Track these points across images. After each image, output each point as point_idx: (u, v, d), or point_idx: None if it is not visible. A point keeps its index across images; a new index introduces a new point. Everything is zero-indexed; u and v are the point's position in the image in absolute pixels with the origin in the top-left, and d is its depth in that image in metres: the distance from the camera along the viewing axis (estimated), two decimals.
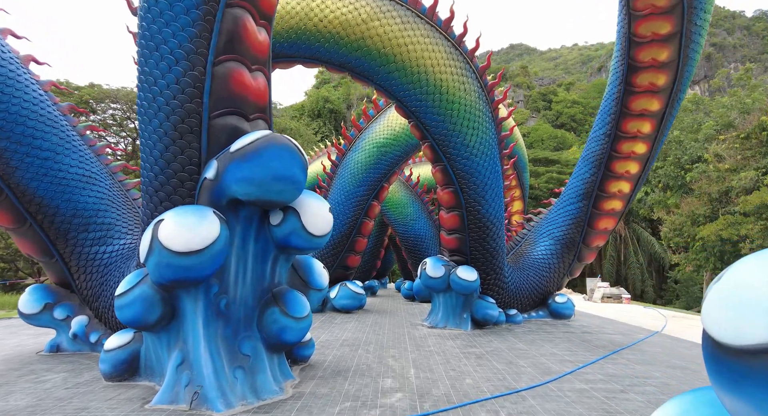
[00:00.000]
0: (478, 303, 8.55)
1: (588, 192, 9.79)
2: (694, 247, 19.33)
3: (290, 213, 4.42)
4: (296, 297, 4.71)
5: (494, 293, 9.07)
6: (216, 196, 4.17)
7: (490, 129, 8.21)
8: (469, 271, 8.34)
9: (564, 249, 10.29)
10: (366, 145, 10.59)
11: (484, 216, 8.36)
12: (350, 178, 10.57)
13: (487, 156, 8.16)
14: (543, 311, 10.34)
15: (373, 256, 15.84)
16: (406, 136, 10.60)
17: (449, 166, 8.10)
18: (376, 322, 9.19)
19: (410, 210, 13.79)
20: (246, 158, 3.91)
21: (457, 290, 8.38)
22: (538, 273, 10.26)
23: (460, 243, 8.59)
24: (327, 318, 9.78)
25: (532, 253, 10.60)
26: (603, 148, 9.25)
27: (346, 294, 10.50)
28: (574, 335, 8.00)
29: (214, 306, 4.26)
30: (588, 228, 10.00)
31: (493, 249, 8.68)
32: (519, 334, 7.98)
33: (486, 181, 8.22)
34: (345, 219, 10.54)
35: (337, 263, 10.74)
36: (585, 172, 9.83)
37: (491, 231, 8.52)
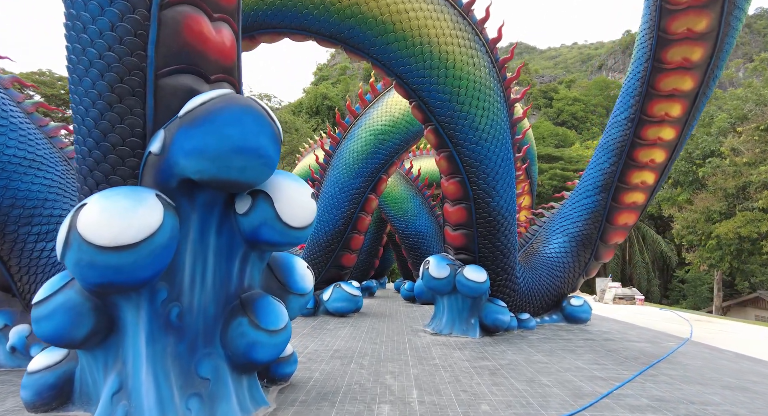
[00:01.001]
0: (487, 307, 7.62)
1: (607, 184, 8.86)
2: (707, 245, 18.43)
3: (260, 200, 3.49)
4: (271, 304, 3.78)
5: (505, 295, 8.14)
6: (163, 176, 3.23)
7: (502, 110, 7.28)
8: (478, 271, 7.41)
9: (580, 247, 9.37)
10: (362, 132, 9.65)
11: (494, 209, 7.43)
12: (345, 168, 9.63)
13: (499, 141, 7.23)
14: (557, 315, 9.42)
15: (370, 255, 14.91)
16: (406, 122, 9.66)
17: (455, 152, 7.16)
18: (373, 328, 8.27)
19: (410, 205, 12.85)
20: (195, 123, 2.97)
21: (464, 292, 7.45)
22: (551, 274, 9.34)
23: (467, 240, 7.66)
24: (319, 323, 8.84)
25: (544, 251, 9.68)
26: (625, 134, 8.32)
27: (341, 296, 9.56)
28: (596, 343, 7.07)
29: (163, 316, 3.32)
30: (606, 223, 9.08)
31: (504, 247, 7.75)
32: (534, 343, 7.05)
33: (497, 170, 7.29)
34: (339, 213, 9.60)
35: (330, 262, 9.80)
36: (604, 161, 8.90)
37: (502, 226, 7.59)
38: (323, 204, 9.83)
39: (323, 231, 9.73)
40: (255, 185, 3.39)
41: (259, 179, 3.31)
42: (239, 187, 3.33)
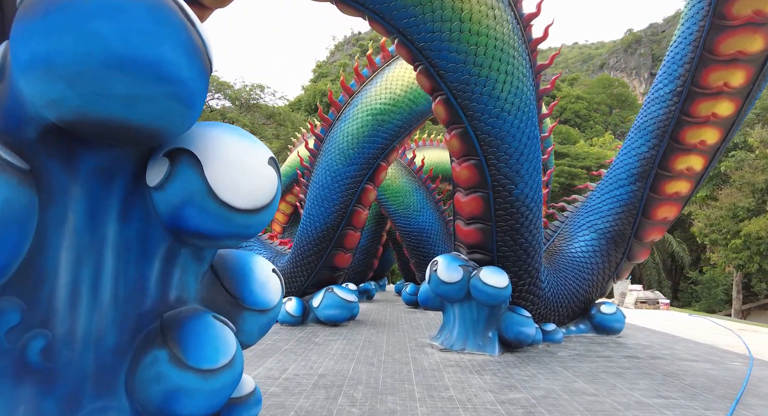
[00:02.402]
0: (508, 318, 6.31)
1: (644, 171, 7.55)
2: (731, 245, 17.13)
3: (182, 164, 2.18)
4: (208, 328, 2.46)
5: (528, 303, 6.82)
6: (10, 118, 1.92)
7: (528, 77, 5.96)
8: (498, 274, 6.09)
9: (610, 245, 8.06)
10: (358, 112, 8.33)
11: (517, 198, 6.11)
12: (338, 154, 8.30)
13: (524, 113, 5.91)
14: (584, 324, 8.10)
15: (368, 255, 13.58)
16: (409, 101, 8.34)
17: (471, 127, 5.84)
18: (369, 341, 6.94)
19: (413, 199, 11.53)
20: (37, 12, 1.64)
21: (481, 300, 6.13)
22: (578, 276, 8.02)
23: (483, 237, 6.34)
24: (306, 334, 7.52)
25: (569, 250, 8.36)
26: (669, 111, 7.00)
27: (333, 302, 8.24)
28: (644, 363, 5.75)
29: (11, 354, 2.01)
30: (642, 217, 7.77)
31: (529, 245, 6.43)
32: (567, 362, 5.73)
33: (522, 149, 5.97)
34: (331, 206, 8.28)
35: (321, 263, 8.48)
36: (641, 145, 7.58)
37: (527, 220, 6.28)
38: (313, 195, 8.51)
39: (313, 226, 8.41)
40: (164, 136, 2.07)
41: (168, 124, 1.99)
42: (135, 138, 2.00)
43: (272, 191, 2.42)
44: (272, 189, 2.42)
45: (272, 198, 2.44)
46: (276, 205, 2.56)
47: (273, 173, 2.44)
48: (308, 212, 8.56)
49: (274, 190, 2.44)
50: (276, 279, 3.13)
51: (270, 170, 2.42)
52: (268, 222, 2.58)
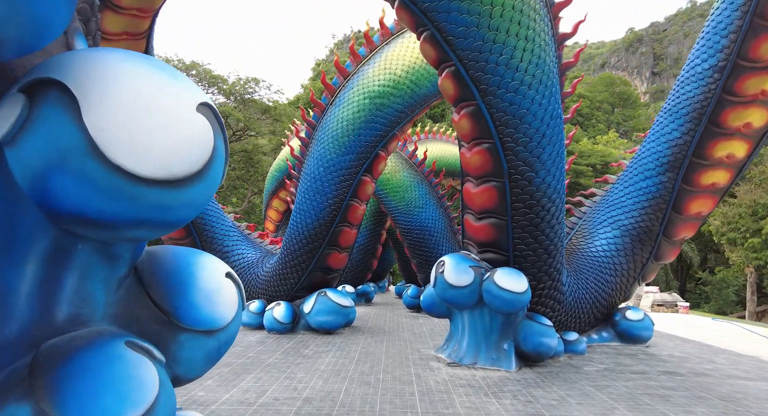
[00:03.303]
0: (527, 327, 5.44)
1: (676, 160, 6.69)
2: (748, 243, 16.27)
3: (47, 102, 1.32)
4: (108, 365, 1.60)
5: (548, 309, 5.96)
6: None
7: (550, 45, 5.11)
8: (515, 277, 5.23)
9: (635, 244, 7.20)
10: (354, 96, 7.47)
11: (538, 188, 5.25)
12: (332, 142, 7.45)
13: (547, 88, 5.05)
14: (607, 332, 7.24)
15: (367, 254, 12.74)
16: (410, 82, 7.49)
17: (484, 104, 4.98)
18: (366, 353, 6.08)
19: (415, 194, 10.68)
20: None
21: (496, 307, 5.27)
22: (599, 278, 7.16)
23: (497, 233, 5.48)
24: (295, 344, 6.66)
25: (589, 249, 7.50)
26: (708, 89, 6.14)
27: (326, 307, 7.38)
28: (689, 381, 4.89)
29: None
30: (673, 212, 6.90)
31: (551, 242, 5.57)
32: (598, 380, 4.87)
33: (544, 130, 5.11)
34: (324, 200, 7.42)
35: (313, 263, 7.62)
36: (672, 130, 6.72)
37: (548, 214, 5.42)
38: (304, 188, 7.66)
39: (304, 223, 7.55)
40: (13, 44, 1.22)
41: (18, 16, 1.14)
42: None
43: (204, 151, 1.56)
44: (204, 147, 1.56)
45: (205, 162, 1.58)
46: (217, 175, 1.70)
47: (206, 124, 1.59)
48: (299, 207, 7.70)
49: (208, 150, 1.58)
50: (231, 288, 2.27)
51: (201, 119, 1.57)
52: (203, 201, 1.72)
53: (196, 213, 1.80)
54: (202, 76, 23.16)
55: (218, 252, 8.83)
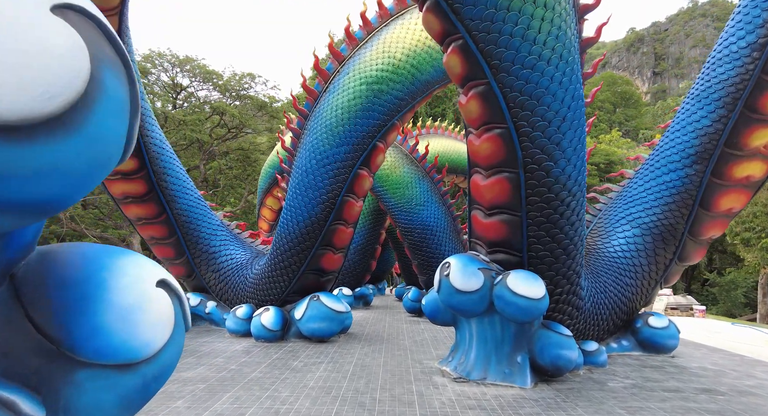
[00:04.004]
0: (543, 338, 4.80)
1: (704, 150, 6.06)
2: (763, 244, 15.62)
3: None
4: None
5: (566, 317, 5.33)
6: None
7: (571, 15, 4.48)
8: (532, 281, 4.60)
9: (657, 243, 6.56)
10: (350, 82, 6.83)
11: (557, 179, 4.61)
12: (326, 133, 6.81)
13: (568, 64, 4.41)
14: (627, 340, 6.60)
15: (365, 255, 12.10)
16: (411, 67, 6.85)
17: (496, 83, 4.35)
18: (362, 366, 5.44)
19: (416, 191, 10.04)
20: None
21: (509, 314, 4.63)
22: (619, 281, 6.52)
23: (510, 231, 4.85)
24: (284, 355, 6.02)
25: (605, 249, 6.87)
26: (745, 70, 5.51)
27: (319, 313, 6.74)
28: (734, 402, 4.24)
29: None
30: (700, 209, 6.27)
31: (570, 241, 4.94)
32: (627, 399, 4.23)
33: (565, 113, 4.48)
34: (317, 196, 6.78)
35: (305, 265, 6.98)
36: (701, 117, 6.09)
37: (568, 209, 4.78)
38: (295, 183, 7.02)
39: (295, 221, 6.91)
40: None
41: None
42: None
43: (67, 79, 0.92)
44: (66, 73, 0.92)
45: (72, 98, 0.94)
46: (106, 124, 1.07)
47: (69, 34, 0.95)
48: (290, 203, 7.07)
49: (76, 78, 0.94)
50: (163, 302, 1.64)
51: (58, 26, 0.94)
52: (79, 168, 1.09)
53: (76, 192, 1.17)
54: (197, 72, 22.55)
55: (204, 253, 8.21)
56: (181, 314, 1.74)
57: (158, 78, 22.55)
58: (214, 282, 8.25)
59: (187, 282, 8.63)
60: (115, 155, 1.19)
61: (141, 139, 7.16)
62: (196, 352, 6.09)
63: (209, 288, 8.36)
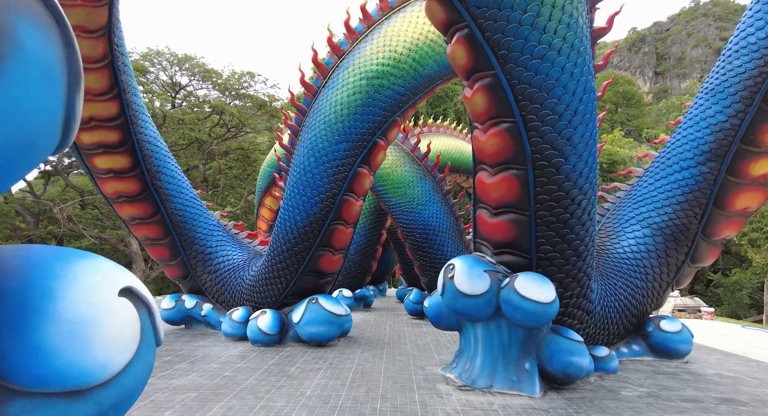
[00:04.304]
0: (553, 344, 4.55)
1: (719, 147, 5.81)
2: None
3: None
4: None
5: (576, 321, 5.08)
6: None
7: (582, 1, 4.23)
8: (541, 284, 4.35)
9: (669, 244, 6.32)
10: (349, 77, 6.59)
11: (568, 177, 4.36)
12: (325, 129, 6.57)
13: (579, 55, 4.17)
14: (638, 344, 6.34)
15: (366, 256, 11.86)
16: (413, 61, 6.62)
17: (504, 74, 4.11)
18: (362, 373, 5.20)
19: (417, 190, 9.80)
20: None
21: (518, 319, 4.39)
22: (629, 283, 6.27)
23: (517, 231, 4.60)
24: (280, 360, 5.78)
25: (615, 250, 6.62)
26: (765, 62, 5.26)
27: (318, 316, 6.50)
28: (758, 413, 3.99)
29: None
30: (714, 208, 6.02)
31: (581, 242, 4.69)
32: (644, 410, 3.98)
33: (576, 107, 4.23)
34: (316, 195, 6.55)
35: (303, 266, 6.75)
36: (716, 112, 5.84)
37: (579, 208, 4.53)
38: (293, 182, 6.79)
39: (293, 221, 6.68)
40: None
41: None
42: None
43: None
44: None
45: None
46: (19, 84, 0.82)
47: None
48: (287, 203, 6.83)
49: None
50: (125, 314, 1.39)
51: None
52: None
53: None
54: (196, 71, 22.34)
55: (200, 254, 7.97)
56: (150, 327, 1.50)
57: (157, 77, 22.34)
58: (211, 284, 8.02)
59: (182, 283, 8.40)
60: (43, 135, 0.95)
61: (134, 137, 6.94)
62: (190, 357, 5.85)
63: (205, 290, 8.12)
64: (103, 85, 6.11)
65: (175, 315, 8.10)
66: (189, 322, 8.38)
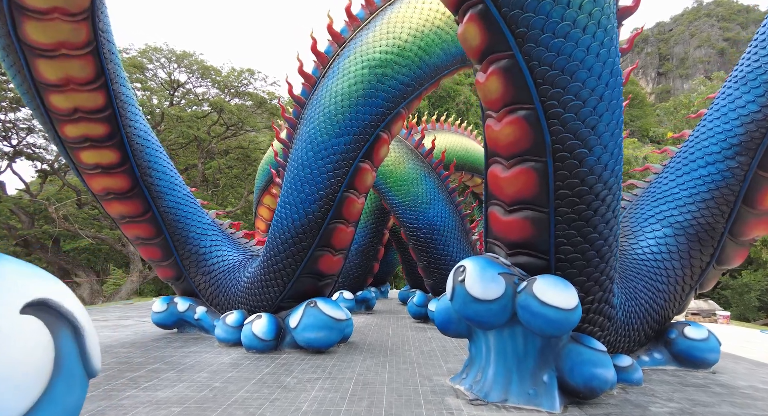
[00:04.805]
0: (574, 354, 4.14)
1: (750, 140, 5.39)
2: None
3: None
4: None
5: (597, 328, 4.66)
6: None
7: None
8: (562, 288, 3.94)
9: (693, 244, 5.90)
10: (351, 65, 6.19)
11: (592, 170, 3.95)
12: (324, 121, 6.17)
13: (606, 33, 3.76)
14: (659, 352, 5.91)
15: (367, 257, 11.45)
16: (419, 49, 6.21)
17: (522, 55, 3.70)
18: (364, 383, 4.79)
19: (421, 188, 9.39)
20: None
21: (536, 328, 3.97)
22: (650, 286, 5.85)
23: (535, 230, 4.18)
24: (275, 370, 5.37)
25: (633, 251, 6.20)
26: None
27: (317, 321, 6.09)
28: None
29: None
30: (744, 206, 5.60)
31: (604, 242, 4.27)
32: None
33: (602, 92, 3.82)
34: (315, 192, 6.14)
35: (301, 268, 6.34)
36: (747, 102, 5.42)
37: (603, 204, 4.12)
38: (291, 177, 6.39)
39: (290, 219, 6.28)
40: None
41: None
42: None
43: None
44: None
45: None
46: None
47: None
48: (284, 200, 6.43)
49: None
50: (29, 338, 0.99)
51: None
52: None
53: None
54: (194, 68, 21.97)
55: (194, 254, 7.57)
56: (76, 354, 1.09)
57: (155, 74, 21.99)
58: (204, 286, 7.61)
59: (175, 285, 8.01)
60: None
61: (123, 130, 6.54)
62: (179, 365, 5.45)
63: (199, 292, 7.72)
64: (88, 74, 5.71)
65: (167, 319, 7.69)
66: (182, 326, 7.98)
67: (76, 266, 19.96)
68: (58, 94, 5.67)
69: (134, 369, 5.23)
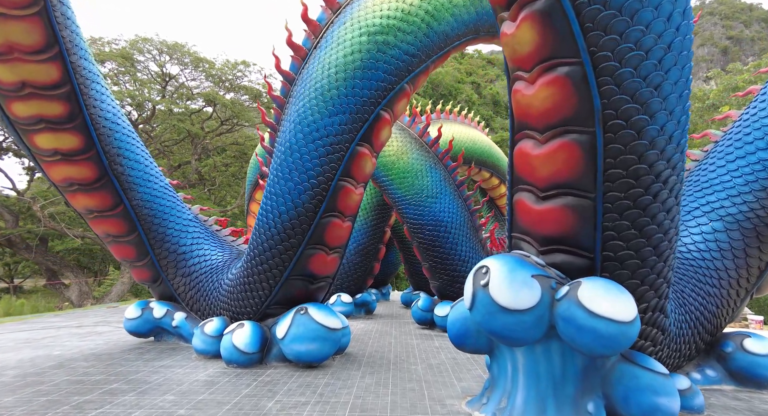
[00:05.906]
0: (627, 378, 3.26)
1: None
2: None
3: None
4: None
5: (650, 343, 3.79)
6: None
7: None
8: (616, 294, 3.06)
9: (750, 241, 5.05)
10: (347, 33, 5.32)
11: (653, 143, 3.07)
12: (316, 98, 5.30)
13: None
14: (712, 368, 5.03)
15: (367, 256, 10.57)
16: (426, 14, 5.34)
17: None
18: (363, 410, 3.91)
19: (427, 181, 8.51)
20: None
21: (584, 345, 3.09)
22: (698, 290, 4.98)
23: (576, 221, 3.30)
24: (257, 389, 4.50)
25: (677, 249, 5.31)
26: None
27: (308, 330, 5.21)
28: None
29: None
30: None
31: (664, 237, 3.40)
32: None
33: (670, 39, 2.94)
34: (305, 180, 5.27)
35: (290, 268, 5.47)
36: None
37: (665, 188, 3.24)
38: (277, 164, 5.52)
39: (276, 212, 5.41)
40: None
41: None
42: None
43: None
44: None
45: None
46: None
47: None
48: (270, 190, 5.56)
49: None
50: None
51: None
52: None
53: None
54: (187, 60, 21.11)
55: (172, 253, 6.72)
56: None
57: (146, 66, 21.14)
58: (184, 289, 6.76)
59: (153, 288, 7.15)
60: None
61: (86, 111, 5.69)
62: (142, 385, 4.58)
63: (178, 296, 6.87)
64: (36, 41, 4.86)
65: (142, 326, 6.84)
66: (159, 334, 7.12)
67: (64, 267, 19.13)
68: None
69: (86, 390, 4.36)
